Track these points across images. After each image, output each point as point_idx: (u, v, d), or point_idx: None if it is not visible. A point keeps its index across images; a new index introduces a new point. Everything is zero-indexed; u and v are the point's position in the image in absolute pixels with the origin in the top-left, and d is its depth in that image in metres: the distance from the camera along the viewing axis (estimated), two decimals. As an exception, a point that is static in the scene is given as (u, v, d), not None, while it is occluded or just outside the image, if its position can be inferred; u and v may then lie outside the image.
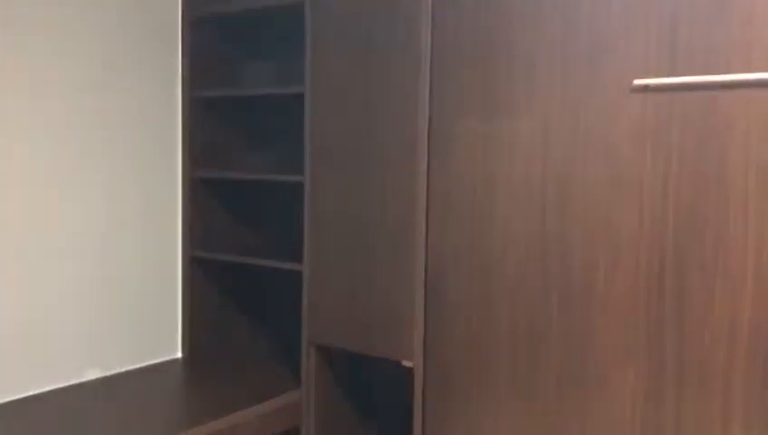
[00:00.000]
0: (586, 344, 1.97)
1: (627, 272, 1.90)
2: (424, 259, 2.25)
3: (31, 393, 2.47)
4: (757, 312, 1.73)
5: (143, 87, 2.78)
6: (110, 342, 2.73)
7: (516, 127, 2.06)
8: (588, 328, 1.97)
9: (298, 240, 2.60)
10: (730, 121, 1.74)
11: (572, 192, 1.98)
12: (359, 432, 2.76)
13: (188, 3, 2.88)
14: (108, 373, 2.71)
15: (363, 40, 2.34)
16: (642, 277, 1.88)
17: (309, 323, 2.54)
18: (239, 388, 2.62)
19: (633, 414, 1.91)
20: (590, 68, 1.93)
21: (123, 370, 2.77)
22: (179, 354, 3.00)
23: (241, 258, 2.76)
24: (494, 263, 2.12)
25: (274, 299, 3.21)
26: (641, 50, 1.85)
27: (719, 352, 1.78)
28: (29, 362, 2.46)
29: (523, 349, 2.08)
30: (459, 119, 2.16)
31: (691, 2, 1.78)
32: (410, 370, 2.31)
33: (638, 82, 1.84)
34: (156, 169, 2.85)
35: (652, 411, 1.88)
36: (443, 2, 2.18)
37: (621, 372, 1.92)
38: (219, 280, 3.05)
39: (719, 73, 1.75)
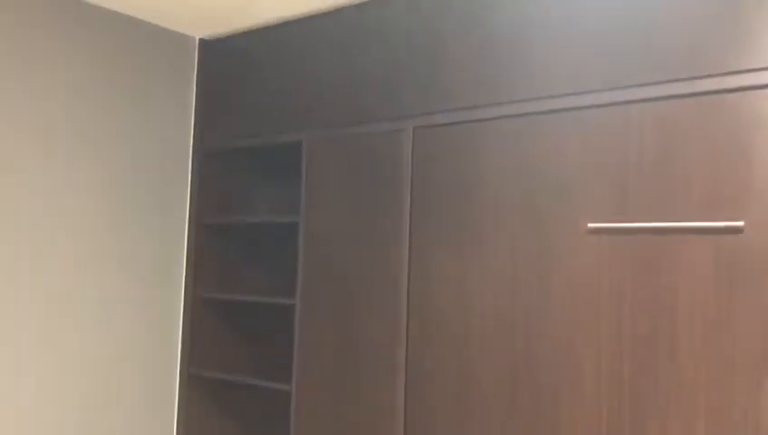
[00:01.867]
0: (552, 473, 2.05)
1: (588, 401, 2.00)
2: (404, 385, 2.37)
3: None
4: (708, 446, 1.82)
5: (154, 212, 3.01)
6: (103, 456, 2.81)
7: (485, 265, 2.23)
8: (553, 456, 2.05)
9: (290, 360, 2.73)
10: (676, 264, 1.90)
11: (537, 328, 2.12)
12: None
13: (198, 137, 3.16)
14: (98, 488, 2.78)
15: (353, 177, 2.58)
16: (604, 406, 1.98)
17: (294, 443, 2.63)
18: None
19: None
20: (549, 211, 2.12)
21: (114, 484, 2.84)
22: (171, 470, 3.06)
23: (233, 377, 2.88)
24: (470, 392, 2.23)
25: (267, 416, 3.29)
26: (595, 196, 2.04)
27: (675, 484, 1.85)
28: (22, 475, 2.56)
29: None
30: (436, 254, 2.35)
31: (637, 156, 1.98)
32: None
33: (591, 225, 2.02)
34: (160, 286, 3.03)
35: None
36: (422, 153, 2.42)
37: (586, 502, 1.98)
38: (214, 397, 3.16)
39: (664, 220, 1.92)
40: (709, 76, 1.89)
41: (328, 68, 2.72)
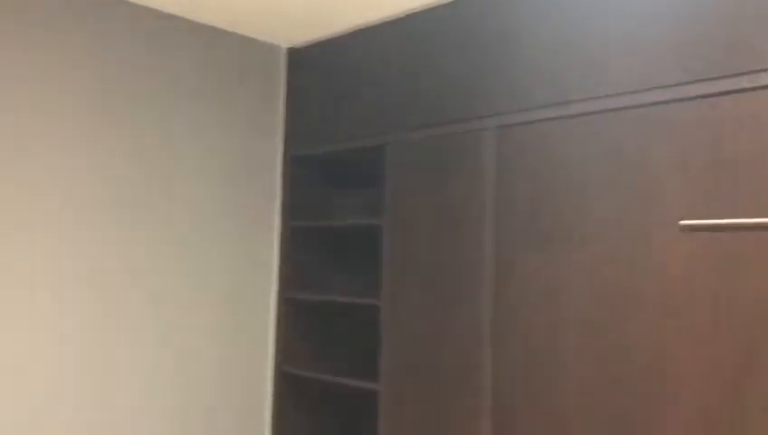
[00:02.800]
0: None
1: (683, 409, 1.92)
2: (489, 384, 2.35)
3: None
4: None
5: (245, 217, 3.13)
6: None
7: (572, 266, 2.19)
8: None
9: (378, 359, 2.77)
10: (776, 262, 1.80)
11: (627, 328, 2.05)
12: None
13: (287, 144, 3.26)
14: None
15: (435, 179, 2.59)
16: (699, 415, 1.90)
17: (381, 442, 2.66)
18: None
19: None
20: (639, 209, 2.05)
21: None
22: (265, 469, 3.16)
23: (323, 375, 2.95)
24: (555, 390, 2.19)
25: (356, 413, 3.34)
26: (686, 193, 1.96)
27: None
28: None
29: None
30: (521, 254, 2.32)
31: (730, 150, 1.89)
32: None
33: (684, 222, 1.94)
34: (253, 287, 3.15)
35: None
36: (505, 151, 2.40)
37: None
38: (305, 394, 3.24)
39: (761, 216, 1.82)
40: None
41: (409, 71, 2.74)
